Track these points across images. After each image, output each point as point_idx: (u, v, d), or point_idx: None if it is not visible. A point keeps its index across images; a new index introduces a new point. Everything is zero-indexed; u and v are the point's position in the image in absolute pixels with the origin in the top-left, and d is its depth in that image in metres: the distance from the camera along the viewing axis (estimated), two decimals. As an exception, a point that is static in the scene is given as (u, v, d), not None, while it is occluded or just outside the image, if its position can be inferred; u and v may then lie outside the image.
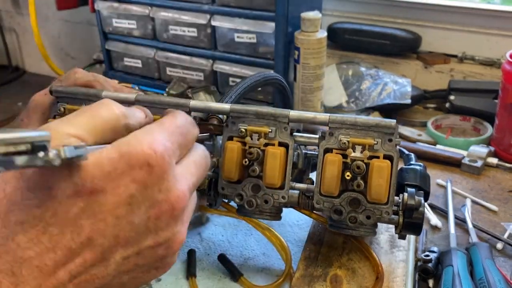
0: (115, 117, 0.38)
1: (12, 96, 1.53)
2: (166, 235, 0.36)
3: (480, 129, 1.05)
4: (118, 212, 0.33)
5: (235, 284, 0.65)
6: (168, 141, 0.36)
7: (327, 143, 0.56)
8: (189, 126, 0.42)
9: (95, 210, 0.33)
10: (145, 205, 0.34)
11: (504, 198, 0.84)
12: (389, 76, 1.15)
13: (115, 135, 0.37)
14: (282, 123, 0.57)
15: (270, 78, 0.71)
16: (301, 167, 0.66)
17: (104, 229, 0.33)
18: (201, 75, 1.21)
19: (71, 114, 0.37)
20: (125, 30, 1.27)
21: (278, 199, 0.58)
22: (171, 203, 0.35)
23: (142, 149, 0.34)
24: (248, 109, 0.57)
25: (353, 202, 0.56)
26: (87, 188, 0.32)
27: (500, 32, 1.14)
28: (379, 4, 1.26)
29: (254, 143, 0.57)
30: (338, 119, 0.55)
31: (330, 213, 0.57)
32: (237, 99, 0.65)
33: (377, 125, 0.54)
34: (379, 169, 0.53)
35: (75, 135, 0.34)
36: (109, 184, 0.33)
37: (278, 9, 1.02)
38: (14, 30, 1.79)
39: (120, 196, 0.33)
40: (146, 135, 0.35)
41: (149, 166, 0.34)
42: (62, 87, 0.62)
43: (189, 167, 0.39)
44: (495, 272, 0.62)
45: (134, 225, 0.34)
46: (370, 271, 0.62)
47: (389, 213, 0.55)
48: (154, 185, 0.34)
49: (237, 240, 0.73)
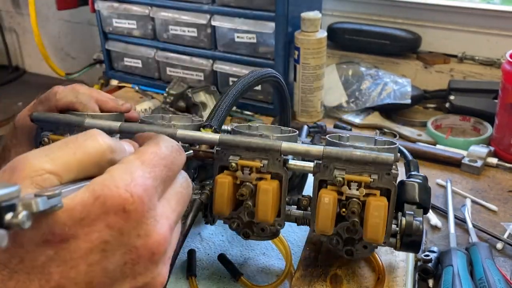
0: (101, 151, 0.34)
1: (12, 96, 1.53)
2: (144, 279, 0.34)
3: (480, 129, 1.05)
4: (91, 259, 0.31)
5: (235, 284, 0.65)
6: (149, 178, 0.34)
7: (322, 176, 0.54)
8: (175, 155, 0.38)
9: (65, 257, 0.31)
10: (120, 251, 0.32)
11: (504, 198, 0.84)
12: (389, 76, 1.15)
13: (99, 170, 0.34)
14: (274, 155, 0.54)
15: (265, 75, 0.69)
16: (298, 174, 0.66)
17: (75, 276, 0.31)
18: (201, 75, 1.21)
19: (53, 144, 0.34)
20: (125, 30, 1.27)
21: (274, 226, 0.58)
22: (150, 249, 0.33)
23: (118, 193, 0.31)
24: (238, 141, 0.55)
25: (349, 230, 0.55)
26: (57, 236, 0.30)
27: (500, 32, 1.14)
28: (379, 4, 1.26)
29: (245, 177, 0.55)
30: (333, 154, 0.52)
31: (327, 242, 0.57)
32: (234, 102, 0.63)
33: (374, 161, 0.51)
34: (376, 208, 0.51)
35: (52, 172, 0.32)
36: (81, 230, 0.31)
37: (278, 9, 1.02)
38: (14, 30, 1.79)
39: (92, 243, 0.31)
40: (124, 174, 0.33)
41: (124, 211, 0.31)
42: (42, 114, 0.60)
43: (171, 203, 0.36)
44: (495, 272, 0.62)
45: (108, 271, 0.32)
46: (370, 271, 0.62)
47: (386, 242, 0.55)
48: (131, 231, 0.32)
49: (237, 240, 0.72)
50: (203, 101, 1.13)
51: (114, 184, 0.32)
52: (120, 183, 0.32)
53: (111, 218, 0.31)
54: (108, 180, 0.32)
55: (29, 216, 0.26)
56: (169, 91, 1.16)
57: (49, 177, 0.32)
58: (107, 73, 1.37)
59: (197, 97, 1.12)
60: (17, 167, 0.31)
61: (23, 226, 0.26)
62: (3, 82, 1.65)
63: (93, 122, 0.58)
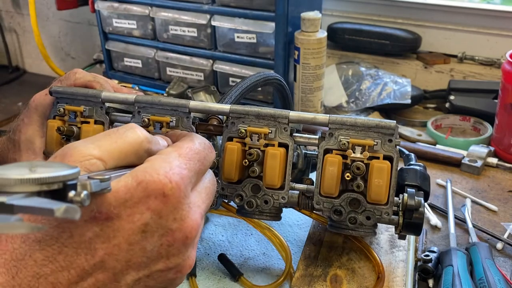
0: (139, 141, 0.38)
1: (12, 96, 1.53)
2: (177, 261, 0.37)
3: (480, 129, 1.05)
4: (132, 238, 0.34)
5: (235, 284, 0.65)
6: (185, 169, 0.37)
7: (327, 144, 0.56)
8: (207, 151, 0.42)
9: (109, 235, 0.34)
10: (158, 233, 0.35)
11: (504, 198, 0.84)
12: (389, 76, 1.15)
13: (137, 159, 0.38)
14: (282, 124, 0.57)
15: (269, 78, 0.71)
16: (301, 167, 0.66)
17: (117, 253, 0.34)
18: (201, 75, 1.21)
19: (96, 135, 0.38)
20: (125, 30, 1.27)
21: (278, 199, 0.58)
22: (184, 232, 0.36)
23: (159, 178, 0.35)
24: (248, 110, 0.57)
25: (353, 202, 0.56)
26: (103, 214, 0.33)
27: (500, 32, 1.14)
28: (379, 4, 1.26)
29: (254, 143, 0.57)
30: (338, 120, 0.55)
31: (330, 214, 0.57)
32: (237, 100, 0.65)
33: (376, 125, 0.54)
34: (379, 170, 0.53)
35: (98, 157, 0.35)
36: (124, 211, 0.34)
37: (278, 9, 1.02)
38: (14, 30, 1.79)
39: (134, 224, 0.34)
40: (163, 163, 0.36)
41: (164, 196, 0.35)
42: (61, 87, 0.62)
43: (201, 194, 0.40)
44: (495, 272, 0.62)
45: (146, 251, 0.35)
46: (370, 271, 0.62)
47: (389, 213, 0.55)
48: (168, 214, 0.35)
49: (237, 240, 0.73)
50: (203, 101, 1.13)
51: (155, 171, 0.35)
52: (160, 170, 0.35)
53: (151, 202, 0.34)
54: (150, 168, 0.35)
55: (89, 195, 0.29)
56: (169, 91, 1.16)
57: (96, 162, 0.35)
58: (107, 73, 1.37)
59: (197, 97, 1.12)
60: (67, 153, 0.35)
61: (84, 203, 0.29)
62: (3, 82, 1.64)
63: (109, 94, 0.61)
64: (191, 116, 0.59)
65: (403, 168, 0.63)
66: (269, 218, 0.60)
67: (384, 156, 0.54)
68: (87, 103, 0.61)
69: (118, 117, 0.62)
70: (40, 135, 0.64)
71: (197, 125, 0.60)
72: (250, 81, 0.67)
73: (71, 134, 0.61)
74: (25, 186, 0.27)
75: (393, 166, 0.54)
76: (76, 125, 0.61)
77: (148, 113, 0.59)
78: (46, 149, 0.63)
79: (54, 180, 0.28)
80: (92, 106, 0.61)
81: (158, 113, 0.59)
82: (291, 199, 0.59)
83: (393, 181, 0.54)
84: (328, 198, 0.56)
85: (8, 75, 1.72)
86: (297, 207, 0.60)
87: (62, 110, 0.61)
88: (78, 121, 0.61)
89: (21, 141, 0.64)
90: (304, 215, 0.66)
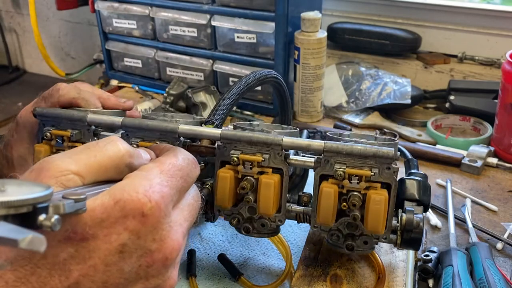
0: (120, 155, 0.37)
1: (12, 96, 1.53)
2: (156, 282, 0.36)
3: (480, 129, 1.05)
4: (109, 259, 0.33)
5: (235, 284, 0.65)
6: (167, 187, 0.36)
7: (323, 170, 0.54)
8: (190, 167, 0.40)
9: (85, 256, 0.32)
10: (137, 253, 0.34)
11: (504, 198, 0.84)
12: (389, 76, 1.15)
13: (117, 174, 0.37)
14: (275, 149, 0.55)
15: (266, 76, 0.70)
16: (298, 173, 0.66)
17: (93, 274, 0.33)
18: (201, 75, 1.21)
19: (75, 148, 0.37)
20: (125, 30, 1.27)
21: (275, 222, 0.57)
22: (164, 253, 0.35)
23: (138, 197, 0.33)
24: (239, 136, 0.55)
25: (350, 225, 0.55)
26: (78, 235, 0.32)
27: (500, 32, 1.14)
28: (379, 4, 1.26)
29: (247, 171, 0.55)
30: (334, 148, 0.53)
31: (327, 236, 0.57)
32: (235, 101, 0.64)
33: (374, 155, 0.52)
34: (376, 199, 0.51)
35: (76, 172, 0.34)
36: (101, 231, 0.32)
37: (278, 9, 1.02)
38: (14, 30, 1.79)
39: (111, 244, 0.33)
40: (143, 180, 0.35)
41: (143, 215, 0.33)
42: (45, 109, 0.60)
43: (184, 212, 0.38)
44: (495, 272, 0.62)
45: (124, 272, 0.34)
46: (370, 271, 0.62)
47: (387, 237, 0.55)
48: (147, 235, 0.34)
49: (237, 240, 0.73)
50: (203, 101, 1.13)
51: (134, 189, 0.33)
52: (140, 188, 0.34)
53: (129, 222, 0.33)
54: (128, 186, 0.34)
55: (60, 220, 0.28)
56: (169, 91, 1.16)
57: (73, 178, 0.34)
58: (107, 73, 1.37)
59: (197, 97, 1.12)
60: (44, 167, 0.34)
61: (54, 228, 0.27)
62: (3, 82, 1.65)
63: (95, 117, 0.58)
64: (181, 140, 0.57)
65: (403, 180, 0.60)
66: (268, 236, 0.60)
67: (382, 184, 0.52)
68: (73, 125, 0.59)
69: None
70: (32, 152, 0.62)
71: (188, 146, 0.58)
72: (247, 81, 0.66)
73: None
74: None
75: (391, 193, 0.53)
76: (64, 150, 0.58)
77: (136, 137, 0.57)
78: None
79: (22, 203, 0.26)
80: (79, 128, 0.59)
81: (147, 137, 0.57)
82: (289, 215, 0.59)
83: (391, 207, 0.53)
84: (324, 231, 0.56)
85: (8, 75, 1.72)
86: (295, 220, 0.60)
87: (49, 135, 0.59)
88: (65, 146, 0.59)
89: (14, 158, 0.63)
90: (304, 215, 0.66)
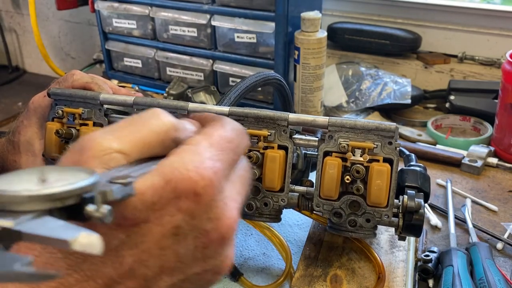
0: (165, 129, 0.34)
1: (12, 96, 1.53)
2: (214, 262, 0.34)
3: (480, 129, 1.05)
4: (163, 243, 0.31)
5: (235, 284, 0.65)
6: (218, 161, 0.33)
7: (327, 146, 0.56)
8: (240, 138, 0.37)
9: (137, 241, 0.31)
10: (192, 235, 0.32)
11: (504, 198, 0.84)
12: (389, 76, 1.15)
13: (162, 149, 0.34)
14: (281, 126, 0.57)
15: (269, 77, 0.71)
16: (300, 168, 0.66)
17: (147, 259, 0.31)
18: (201, 75, 1.21)
19: (117, 124, 0.34)
20: (125, 30, 1.27)
21: (277, 201, 0.58)
22: (220, 232, 0.33)
23: (189, 175, 0.31)
24: (247, 112, 0.57)
25: (352, 204, 0.56)
26: (129, 220, 0.30)
27: (500, 32, 1.14)
28: (379, 4, 1.26)
29: (253, 146, 0.57)
30: (338, 122, 0.55)
31: (330, 216, 0.57)
32: (237, 100, 0.64)
33: (376, 128, 0.54)
34: (379, 172, 0.53)
35: (119, 151, 0.31)
36: (153, 214, 0.30)
37: (278, 9, 1.02)
38: (14, 30, 1.79)
39: (165, 227, 0.31)
40: (193, 155, 0.32)
41: (196, 194, 0.31)
42: (59, 89, 0.62)
43: (236, 185, 0.36)
44: (495, 272, 0.62)
45: (180, 255, 0.32)
46: (370, 271, 0.62)
47: (389, 216, 0.55)
48: (202, 214, 0.32)
49: (237, 240, 0.72)
50: (203, 101, 1.13)
51: (184, 167, 0.31)
52: (190, 165, 0.31)
53: (182, 202, 0.31)
54: (178, 163, 0.31)
55: (111, 211, 0.25)
56: (169, 91, 1.16)
57: (116, 156, 0.31)
58: (107, 73, 1.37)
59: (197, 97, 1.12)
60: (85, 147, 0.31)
61: (105, 220, 0.25)
62: (3, 82, 1.64)
63: (108, 96, 0.60)
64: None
65: (403, 169, 0.63)
66: (269, 220, 0.60)
67: (384, 159, 0.54)
68: (85, 105, 0.61)
69: (117, 119, 0.62)
70: (39, 137, 0.63)
71: None
72: (249, 81, 0.67)
73: (70, 137, 0.61)
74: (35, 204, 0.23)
75: (393, 168, 0.54)
76: (75, 127, 0.61)
77: None
78: (45, 151, 0.63)
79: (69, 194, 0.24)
80: (91, 108, 0.61)
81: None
82: (291, 201, 0.59)
83: (393, 183, 0.54)
84: (327, 200, 0.56)
85: (8, 75, 1.72)
86: (297, 208, 0.60)
87: (60, 113, 0.61)
88: (76, 123, 0.61)
89: (20, 143, 0.63)
90: (304, 215, 0.66)
